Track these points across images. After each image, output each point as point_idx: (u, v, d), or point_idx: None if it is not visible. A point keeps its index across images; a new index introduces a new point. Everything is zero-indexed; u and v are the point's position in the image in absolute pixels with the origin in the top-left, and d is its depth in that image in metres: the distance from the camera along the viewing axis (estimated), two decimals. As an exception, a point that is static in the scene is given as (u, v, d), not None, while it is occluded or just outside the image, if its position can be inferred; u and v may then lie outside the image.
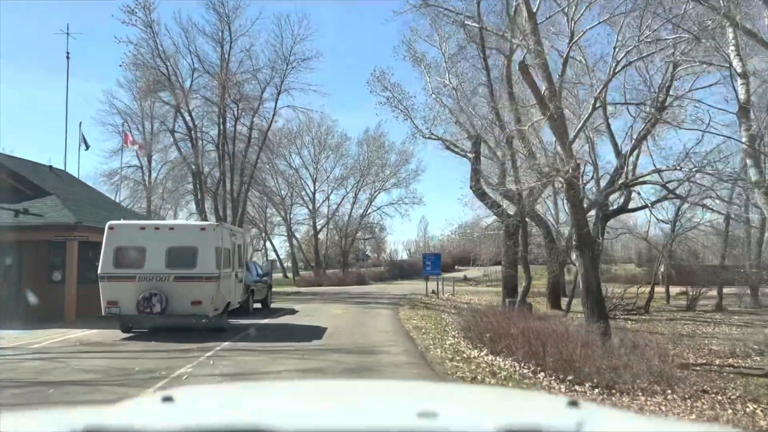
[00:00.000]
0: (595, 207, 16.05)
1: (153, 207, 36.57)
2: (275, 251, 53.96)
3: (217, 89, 28.96)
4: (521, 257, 20.14)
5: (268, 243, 53.93)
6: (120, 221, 13.35)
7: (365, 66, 53.76)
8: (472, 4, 18.50)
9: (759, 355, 12.38)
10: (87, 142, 26.46)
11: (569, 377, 8.36)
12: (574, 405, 1.55)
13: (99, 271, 12.30)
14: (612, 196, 17.28)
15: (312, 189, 49.78)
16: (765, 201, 11.03)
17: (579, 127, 14.32)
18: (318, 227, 50.50)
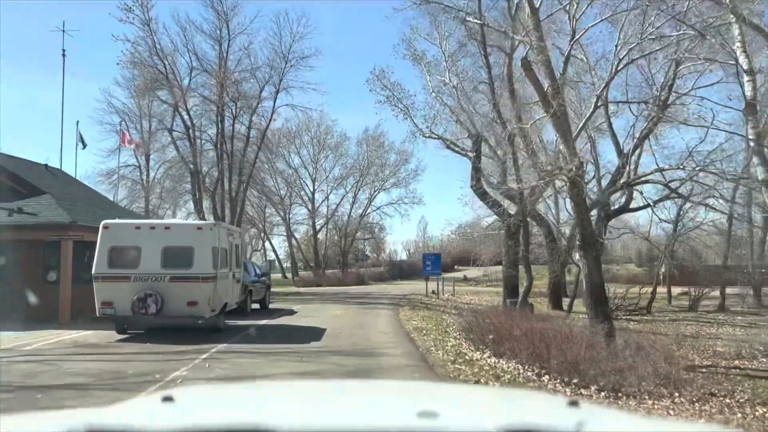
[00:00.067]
0: (597, 206, 15.87)
1: (151, 207, 36.36)
2: (274, 251, 53.78)
3: (216, 88, 28.72)
4: (523, 257, 19.95)
5: (267, 243, 53.82)
6: (115, 220, 13.11)
7: (365, 65, 53.85)
8: (473, 0, 18.31)
9: (766, 357, 12.20)
10: (84, 140, 26.28)
11: (574, 380, 8.16)
12: (574, 405, 1.55)
13: (93, 271, 12.08)
14: (613, 195, 17.10)
15: (311, 189, 49.62)
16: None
17: (581, 126, 14.13)
18: (317, 227, 50.35)
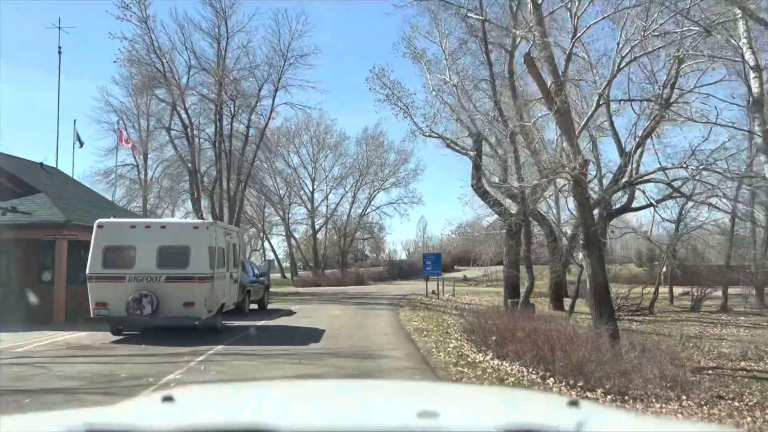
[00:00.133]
0: (599, 206, 15.66)
1: (149, 206, 36.10)
2: (273, 251, 53.57)
3: (214, 86, 28.45)
4: (524, 257, 19.71)
5: (266, 243, 53.60)
6: (109, 219, 12.84)
7: (364, 64, 53.59)
8: (474, -4, 18.05)
9: (772, 358, 12.00)
10: (80, 139, 26.03)
11: (580, 383, 7.95)
12: (574, 405, 1.55)
13: (87, 271, 11.83)
14: (615, 195, 16.89)
15: (310, 188, 49.41)
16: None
17: (583, 124, 13.93)
18: (316, 227, 50.16)
